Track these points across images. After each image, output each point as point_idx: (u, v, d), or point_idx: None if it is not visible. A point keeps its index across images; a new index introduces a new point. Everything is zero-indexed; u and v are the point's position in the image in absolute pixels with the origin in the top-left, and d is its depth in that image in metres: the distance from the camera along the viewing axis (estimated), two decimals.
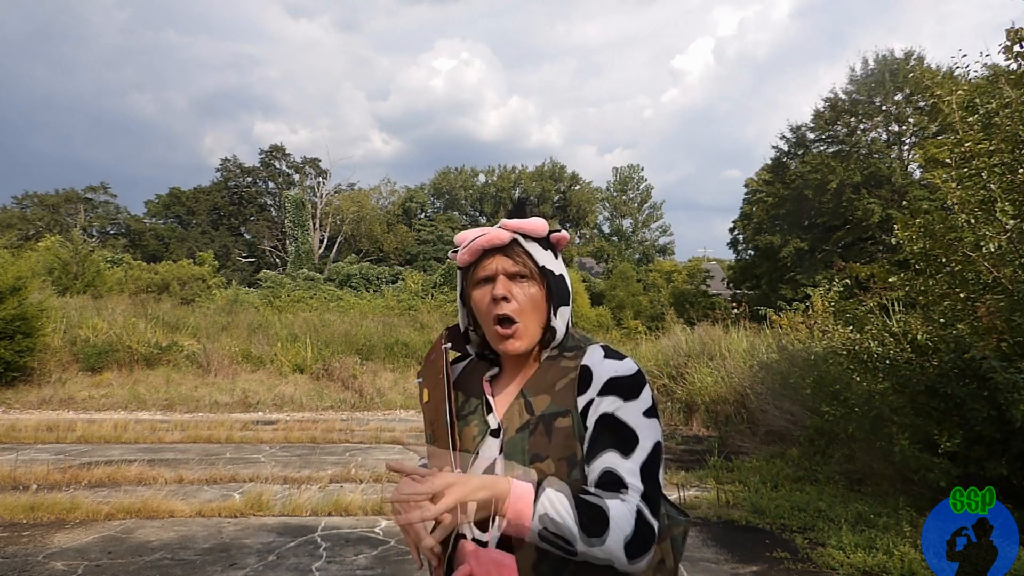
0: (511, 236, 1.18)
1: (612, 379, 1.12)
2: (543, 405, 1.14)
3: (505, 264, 1.17)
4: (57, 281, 19.23)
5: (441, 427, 1.19)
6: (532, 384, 1.17)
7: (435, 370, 1.25)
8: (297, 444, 7.76)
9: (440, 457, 1.18)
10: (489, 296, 1.16)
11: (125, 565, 3.85)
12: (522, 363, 1.22)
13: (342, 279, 31.09)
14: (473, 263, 1.20)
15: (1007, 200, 4.44)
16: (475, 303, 1.20)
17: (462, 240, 1.22)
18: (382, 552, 4.15)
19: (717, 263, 43.02)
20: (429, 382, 1.26)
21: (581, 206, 51.93)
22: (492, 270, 1.17)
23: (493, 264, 1.17)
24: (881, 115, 22.40)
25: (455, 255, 1.23)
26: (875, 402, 5.16)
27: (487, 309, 1.17)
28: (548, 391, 1.15)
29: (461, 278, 1.24)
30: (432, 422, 1.22)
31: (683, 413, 9.45)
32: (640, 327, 23.36)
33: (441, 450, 1.19)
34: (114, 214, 43.42)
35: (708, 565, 4.04)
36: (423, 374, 1.29)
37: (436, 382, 1.23)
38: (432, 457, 1.22)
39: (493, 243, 1.17)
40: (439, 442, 1.19)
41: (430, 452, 1.22)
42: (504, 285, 1.15)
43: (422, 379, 1.28)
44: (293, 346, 13.07)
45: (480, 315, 1.20)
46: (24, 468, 5.81)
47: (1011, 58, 4.83)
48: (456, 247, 1.23)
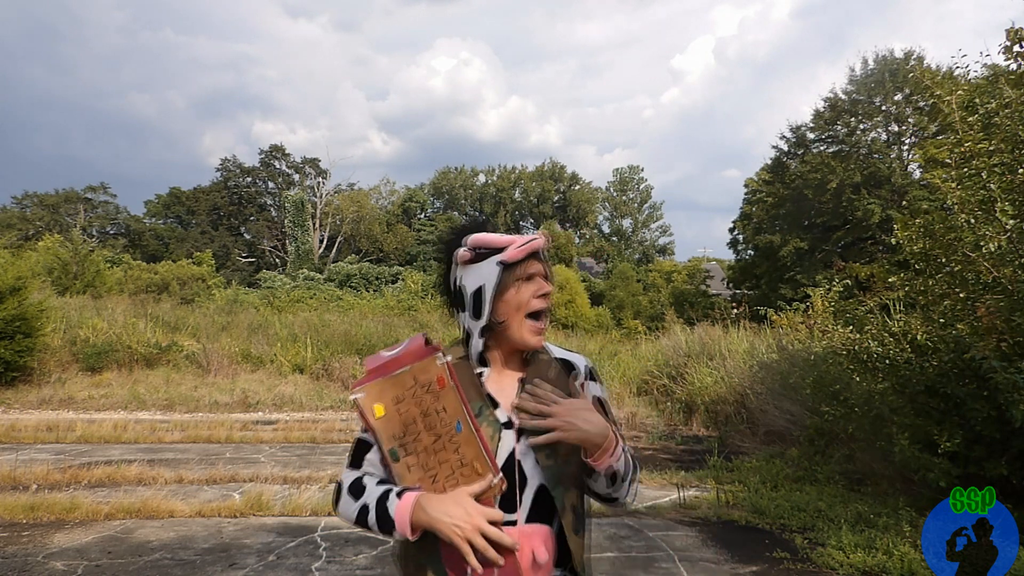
0: (548, 245, 1.37)
1: (590, 369, 1.43)
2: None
3: (543, 268, 1.35)
4: (57, 281, 19.23)
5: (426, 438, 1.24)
6: (531, 377, 1.33)
7: (412, 382, 1.26)
8: (297, 444, 7.75)
9: (420, 469, 1.24)
10: (532, 292, 1.31)
11: (125, 565, 3.84)
12: (508, 360, 1.37)
13: (342, 279, 31.11)
14: (519, 261, 1.31)
15: (1007, 200, 4.44)
16: (514, 296, 1.31)
17: (493, 240, 1.31)
18: (382, 552, 4.15)
19: (717, 263, 43.01)
20: (392, 394, 1.27)
21: (581, 206, 51.91)
22: (536, 271, 1.33)
23: (536, 266, 1.33)
24: (881, 115, 22.40)
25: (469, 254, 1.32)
26: (875, 402, 5.16)
27: (526, 303, 1.31)
28: (546, 380, 1.33)
29: (501, 274, 1.30)
30: (400, 436, 1.25)
31: (683, 413, 9.45)
32: (640, 327, 23.38)
33: (422, 460, 1.24)
34: (114, 214, 43.42)
35: (708, 565, 4.04)
36: (375, 388, 1.28)
37: (422, 393, 1.25)
38: (406, 471, 1.25)
39: (540, 247, 1.33)
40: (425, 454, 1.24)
41: (398, 469, 1.25)
42: (547, 285, 1.34)
43: (363, 393, 1.28)
44: (293, 346, 13.07)
45: (513, 307, 1.31)
46: (24, 468, 5.81)
47: (1011, 58, 4.82)
48: (481, 246, 1.31)
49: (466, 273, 1.33)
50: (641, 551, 4.26)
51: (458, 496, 1.19)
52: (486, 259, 1.31)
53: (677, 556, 4.18)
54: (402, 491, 1.23)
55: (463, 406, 1.23)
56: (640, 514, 5.11)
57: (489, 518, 1.18)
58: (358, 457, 1.35)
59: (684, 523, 4.90)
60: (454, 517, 1.17)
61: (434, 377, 1.25)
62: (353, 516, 1.27)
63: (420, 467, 1.24)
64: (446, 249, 1.38)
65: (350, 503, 1.28)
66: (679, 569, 3.96)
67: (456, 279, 1.35)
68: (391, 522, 1.21)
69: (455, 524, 1.16)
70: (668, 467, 6.69)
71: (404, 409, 1.26)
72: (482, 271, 1.31)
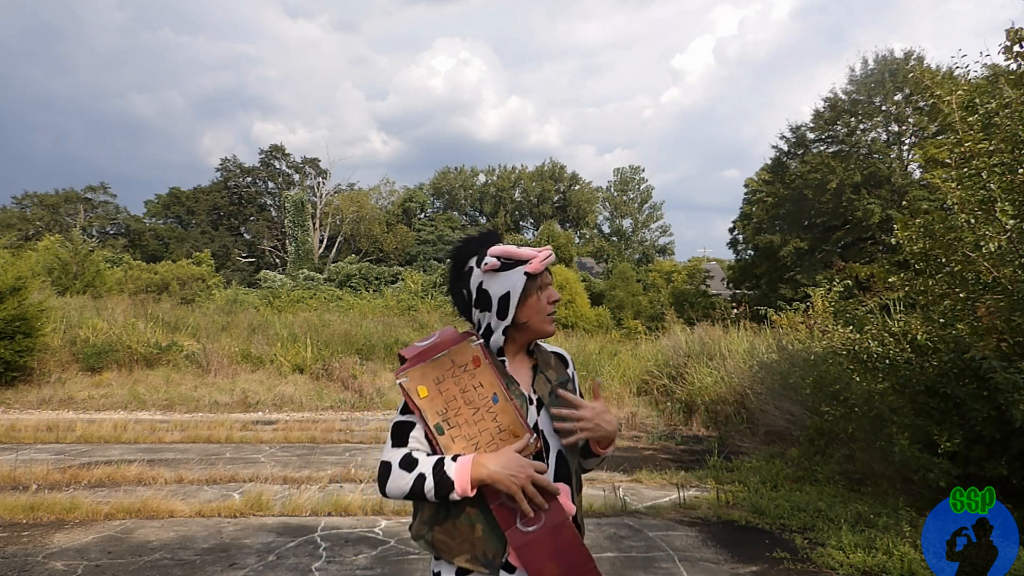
0: None
1: (571, 361, 1.74)
2: (554, 377, 1.61)
3: (550, 277, 1.61)
4: (57, 281, 19.22)
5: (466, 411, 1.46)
6: (541, 365, 1.61)
7: (450, 364, 1.47)
8: (297, 444, 7.75)
9: (463, 439, 1.45)
10: (548, 298, 1.56)
11: (125, 565, 3.84)
12: (519, 353, 1.61)
13: (342, 279, 31.09)
14: (540, 272, 1.55)
15: (1007, 200, 4.44)
16: (536, 300, 1.54)
17: (513, 253, 1.52)
18: (382, 552, 4.15)
19: (717, 263, 43.02)
20: (433, 376, 1.46)
21: (581, 206, 51.91)
22: (548, 280, 1.58)
23: (548, 276, 1.59)
24: (881, 115, 22.40)
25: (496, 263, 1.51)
26: (875, 402, 5.16)
27: (545, 307, 1.55)
28: (551, 368, 1.63)
29: (527, 282, 1.52)
30: (443, 412, 1.45)
31: (683, 413, 9.44)
32: (640, 327, 23.37)
33: (465, 431, 1.45)
34: (114, 214, 43.42)
35: (708, 565, 4.04)
36: (417, 372, 1.47)
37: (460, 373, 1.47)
38: (451, 442, 1.44)
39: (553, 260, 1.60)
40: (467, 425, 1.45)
41: (443, 441, 1.45)
42: (556, 293, 1.60)
43: (407, 378, 1.46)
44: (293, 346, 13.06)
45: (535, 309, 1.54)
46: (24, 468, 5.80)
47: (1011, 58, 4.82)
48: (503, 257, 1.51)
49: (492, 280, 1.52)
50: (641, 551, 4.26)
51: (507, 452, 1.42)
52: (511, 268, 1.51)
53: (677, 556, 4.18)
54: (455, 457, 1.42)
55: (498, 380, 1.47)
56: (640, 514, 5.11)
57: (537, 469, 1.41)
58: (403, 436, 1.49)
59: (684, 523, 4.90)
60: (510, 468, 1.39)
61: (470, 358, 1.48)
62: (408, 487, 1.40)
63: (463, 437, 1.44)
64: (462, 255, 1.57)
65: (403, 476, 1.42)
66: (679, 569, 3.96)
67: (478, 283, 1.54)
68: (449, 484, 1.38)
69: (511, 474, 1.38)
70: (668, 467, 6.69)
71: (445, 388, 1.46)
72: (508, 279, 1.51)
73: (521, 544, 1.39)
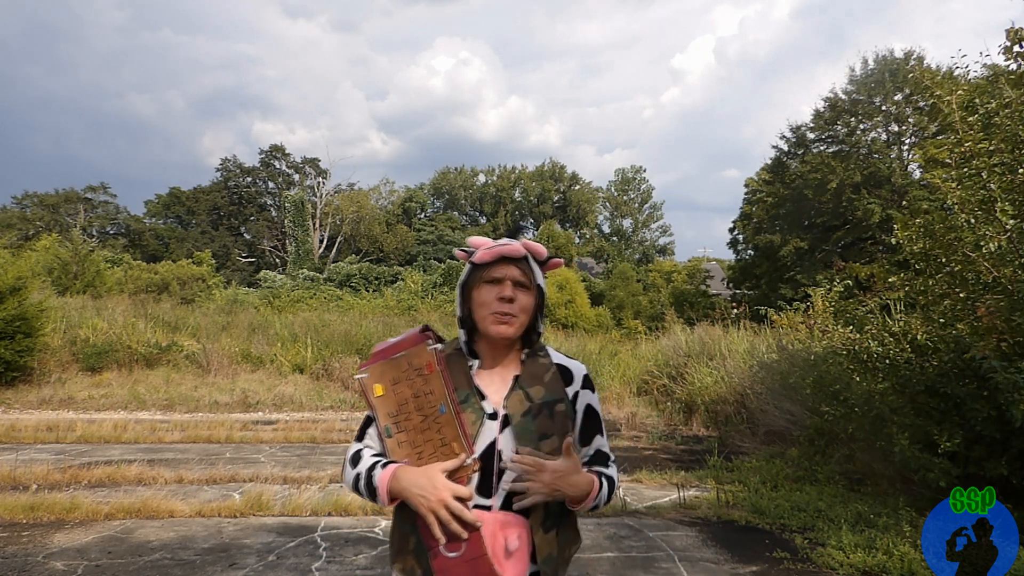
0: (524, 253, 1.44)
1: (586, 376, 1.51)
2: (540, 394, 1.41)
3: (514, 273, 1.42)
4: (57, 281, 19.21)
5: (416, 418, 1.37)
6: (525, 378, 1.43)
7: (407, 366, 1.40)
8: (297, 444, 7.75)
9: (409, 445, 1.36)
10: (496, 294, 1.40)
11: (125, 565, 3.84)
12: (500, 358, 1.46)
13: (342, 279, 31.07)
14: (488, 263, 1.43)
15: (1007, 200, 4.44)
16: (480, 296, 1.42)
17: (481, 243, 1.45)
18: (382, 552, 4.15)
19: (717, 263, 43.01)
20: (391, 376, 1.41)
21: (581, 206, 51.92)
22: (503, 274, 1.41)
23: (505, 270, 1.42)
24: (881, 115, 22.40)
25: (463, 253, 1.47)
26: (875, 402, 5.16)
27: (490, 303, 1.40)
28: (539, 383, 1.43)
29: (470, 272, 1.45)
30: (394, 414, 1.39)
31: (683, 413, 9.44)
32: (640, 327, 23.38)
33: (411, 438, 1.36)
34: (114, 214, 43.42)
35: (708, 565, 4.04)
36: (377, 369, 1.42)
37: (415, 376, 1.39)
38: (396, 447, 1.38)
39: (510, 253, 1.42)
40: (414, 432, 1.36)
41: (389, 445, 1.39)
42: (511, 290, 1.41)
43: (367, 374, 1.42)
44: (293, 346, 13.06)
45: (479, 306, 1.42)
46: (24, 468, 5.80)
47: (1011, 58, 4.82)
48: (468, 247, 1.46)
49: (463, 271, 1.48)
50: (641, 551, 4.26)
51: (429, 470, 1.31)
52: (471, 259, 1.45)
53: (677, 556, 4.18)
54: (387, 463, 1.36)
55: (447, 389, 1.37)
56: (640, 514, 5.11)
57: (456, 494, 1.29)
58: (362, 431, 1.48)
59: (684, 523, 4.90)
60: (422, 488, 1.29)
61: (425, 362, 1.39)
62: (350, 483, 1.40)
63: (409, 444, 1.37)
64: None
65: (349, 471, 1.41)
66: (679, 569, 3.96)
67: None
68: (375, 490, 1.34)
69: (421, 495, 1.29)
70: (668, 467, 6.69)
71: (399, 390, 1.39)
72: (465, 270, 1.47)
73: (442, 568, 1.31)
